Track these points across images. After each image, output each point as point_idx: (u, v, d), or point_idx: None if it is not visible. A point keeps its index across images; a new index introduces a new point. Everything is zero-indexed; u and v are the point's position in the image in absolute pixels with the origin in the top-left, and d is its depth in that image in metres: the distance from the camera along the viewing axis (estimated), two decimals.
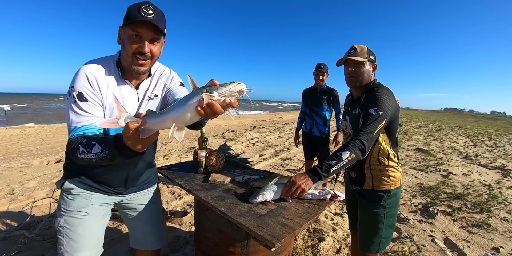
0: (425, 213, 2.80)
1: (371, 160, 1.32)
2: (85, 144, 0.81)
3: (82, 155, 0.82)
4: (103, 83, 0.95)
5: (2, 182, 3.35)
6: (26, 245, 1.93)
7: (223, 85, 0.62)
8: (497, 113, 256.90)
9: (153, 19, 0.86)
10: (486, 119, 43.53)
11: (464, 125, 19.74)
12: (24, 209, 2.53)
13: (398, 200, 1.36)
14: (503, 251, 2.15)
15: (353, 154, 1.12)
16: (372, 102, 1.20)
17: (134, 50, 0.90)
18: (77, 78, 0.91)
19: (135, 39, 0.89)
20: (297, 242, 2.12)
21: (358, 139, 1.14)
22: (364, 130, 1.15)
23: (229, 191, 1.24)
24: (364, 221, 1.36)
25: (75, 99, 0.89)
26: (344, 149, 1.13)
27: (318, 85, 3.03)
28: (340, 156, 1.11)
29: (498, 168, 5.09)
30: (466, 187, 3.72)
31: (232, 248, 1.17)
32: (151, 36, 0.90)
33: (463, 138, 10.33)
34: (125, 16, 0.90)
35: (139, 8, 0.86)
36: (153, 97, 1.11)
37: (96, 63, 0.96)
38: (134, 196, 1.18)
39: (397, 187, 1.33)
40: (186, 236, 2.13)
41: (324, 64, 2.96)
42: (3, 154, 5.03)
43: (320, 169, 1.12)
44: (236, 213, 0.99)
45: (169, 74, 1.16)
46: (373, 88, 1.28)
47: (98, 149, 0.79)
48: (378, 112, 1.16)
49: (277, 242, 0.81)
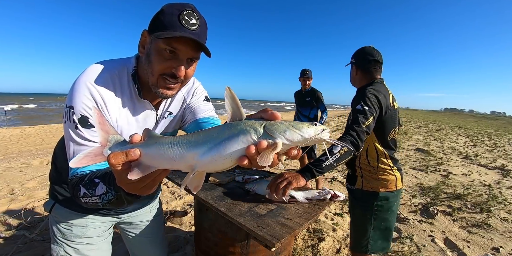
0: (425, 213, 2.80)
1: (361, 159, 1.35)
2: (88, 183, 0.60)
3: (86, 199, 0.61)
4: (112, 103, 0.72)
5: (2, 182, 3.36)
6: (26, 245, 1.93)
7: (295, 127, 0.38)
8: (497, 113, 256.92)
9: (196, 33, 0.65)
10: (486, 120, 43.53)
11: (464, 125, 19.73)
12: (24, 209, 2.53)
13: (393, 205, 1.31)
14: (503, 251, 2.15)
15: (344, 147, 1.11)
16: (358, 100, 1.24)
17: (164, 70, 0.68)
18: (77, 94, 0.67)
19: (168, 56, 0.67)
20: (297, 242, 2.12)
21: (348, 133, 1.15)
22: (353, 123, 1.17)
23: (229, 191, 1.24)
24: (353, 220, 1.39)
25: (77, 125, 0.66)
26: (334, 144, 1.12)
27: (304, 88, 3.38)
28: (331, 151, 1.11)
29: (498, 168, 5.09)
30: (466, 187, 3.72)
31: (232, 248, 1.17)
32: (190, 55, 0.68)
33: (463, 138, 10.33)
34: (157, 20, 0.66)
35: (179, 14, 0.63)
36: (166, 115, 0.88)
37: (103, 74, 0.71)
38: (135, 214, 1.06)
39: (388, 191, 1.30)
40: (186, 236, 2.13)
41: (309, 70, 3.31)
42: (3, 154, 5.03)
43: (312, 165, 1.11)
44: (236, 213, 0.99)
45: (191, 86, 0.93)
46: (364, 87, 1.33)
47: (102, 190, 0.58)
48: (365, 107, 1.19)
49: (277, 242, 0.81)
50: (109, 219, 0.99)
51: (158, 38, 0.64)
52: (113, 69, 0.73)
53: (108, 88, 0.71)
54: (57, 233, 0.90)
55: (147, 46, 0.69)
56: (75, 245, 0.90)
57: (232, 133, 0.38)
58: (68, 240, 0.90)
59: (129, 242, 1.14)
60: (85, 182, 0.61)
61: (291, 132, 0.37)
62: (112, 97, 0.72)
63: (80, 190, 0.61)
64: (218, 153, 0.37)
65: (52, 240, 0.92)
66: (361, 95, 1.25)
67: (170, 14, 0.64)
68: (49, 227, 0.94)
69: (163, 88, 0.71)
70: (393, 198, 1.31)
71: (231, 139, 0.37)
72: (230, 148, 0.37)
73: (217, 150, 0.37)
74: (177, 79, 0.70)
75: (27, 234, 2.04)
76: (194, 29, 0.64)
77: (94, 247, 0.93)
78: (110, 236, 1.02)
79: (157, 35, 0.63)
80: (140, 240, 1.11)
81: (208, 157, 0.37)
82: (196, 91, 0.93)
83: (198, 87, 0.95)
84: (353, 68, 1.43)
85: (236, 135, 0.37)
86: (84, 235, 0.91)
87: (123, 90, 0.74)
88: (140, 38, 0.71)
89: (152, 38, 0.67)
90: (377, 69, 1.38)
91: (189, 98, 0.92)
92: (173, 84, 0.71)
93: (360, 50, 1.41)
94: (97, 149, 0.43)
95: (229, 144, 0.37)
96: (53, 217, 0.92)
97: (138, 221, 1.08)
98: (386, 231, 1.32)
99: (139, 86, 0.75)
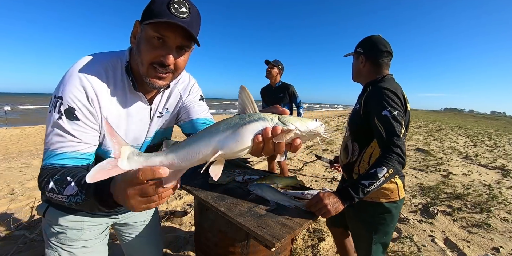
0: (425, 213, 2.80)
1: (361, 164, 1.20)
2: (58, 180, 0.58)
3: (51, 194, 0.59)
4: (104, 97, 0.70)
5: (2, 182, 3.36)
6: (26, 245, 1.93)
7: (303, 120, 0.48)
8: (497, 113, 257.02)
9: (186, 21, 0.64)
10: (486, 119, 43.51)
11: (464, 125, 19.73)
12: (24, 209, 2.53)
13: (395, 217, 1.16)
14: (503, 251, 2.15)
15: (391, 169, 0.95)
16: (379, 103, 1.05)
17: (153, 58, 0.67)
18: (68, 85, 0.65)
19: (156, 43, 0.65)
20: (297, 242, 2.12)
21: (391, 151, 0.97)
22: (392, 136, 0.98)
23: (229, 191, 1.24)
24: (352, 228, 1.28)
25: (62, 115, 0.64)
26: (379, 165, 0.95)
27: (274, 83, 3.05)
28: (375, 174, 0.94)
29: (498, 168, 5.09)
30: (466, 187, 3.72)
31: (232, 248, 1.17)
32: (179, 42, 0.67)
33: (463, 138, 10.33)
34: (147, 9, 0.66)
35: (169, 2, 0.63)
36: (164, 112, 0.88)
37: (96, 66, 0.70)
38: (132, 214, 1.05)
39: (391, 201, 1.14)
40: (186, 236, 2.13)
41: (275, 60, 2.96)
42: (3, 154, 5.03)
43: (353, 191, 0.95)
44: (236, 213, 0.99)
45: (187, 83, 0.92)
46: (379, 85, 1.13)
47: (72, 190, 0.56)
48: (394, 112, 1.02)
49: (277, 242, 0.80)
50: (106, 221, 0.97)
51: (146, 25, 0.64)
52: (106, 62, 0.72)
53: (101, 81, 0.69)
54: (51, 237, 0.87)
55: (138, 35, 0.69)
56: (70, 249, 0.87)
57: (252, 119, 0.46)
58: (62, 243, 0.87)
59: (124, 243, 1.11)
60: (56, 177, 0.59)
61: (301, 122, 0.47)
62: (104, 90, 0.70)
63: (49, 184, 0.58)
64: (240, 135, 0.44)
65: (46, 244, 0.89)
66: (381, 96, 1.06)
67: (160, 3, 0.64)
68: (43, 231, 0.90)
69: (153, 78, 0.69)
70: (396, 209, 1.15)
71: (251, 123, 0.45)
72: (251, 130, 0.45)
73: (239, 132, 0.45)
74: (167, 68, 0.69)
75: (27, 234, 2.04)
76: (183, 17, 0.64)
77: (90, 250, 0.91)
78: (106, 238, 1.00)
79: (145, 22, 0.64)
80: (135, 240, 1.09)
81: (231, 139, 0.44)
82: (193, 89, 0.93)
83: (194, 85, 0.94)
84: (360, 59, 1.23)
85: (255, 120, 0.46)
86: (80, 238, 0.88)
87: (116, 83, 0.73)
88: (133, 28, 0.71)
89: (142, 27, 0.67)
90: (388, 63, 1.21)
91: (185, 96, 0.91)
92: (164, 74, 0.70)
93: (368, 38, 1.23)
94: (112, 161, 0.43)
95: (250, 127, 0.45)
96: (47, 221, 0.88)
97: (135, 221, 1.07)
98: (386, 244, 1.20)
99: (133, 79, 0.74)
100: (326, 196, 0.95)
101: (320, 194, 0.97)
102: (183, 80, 0.91)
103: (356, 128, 1.20)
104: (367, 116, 1.12)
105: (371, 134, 1.11)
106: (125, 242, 1.11)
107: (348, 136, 1.28)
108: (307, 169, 4.37)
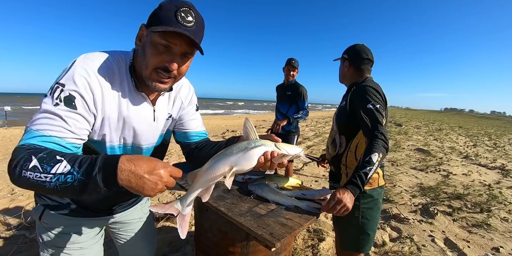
0: (425, 213, 2.80)
1: (348, 156, 1.32)
2: (45, 158, 0.52)
3: (30, 173, 0.50)
4: (109, 92, 0.71)
5: (2, 182, 3.35)
6: (26, 245, 1.93)
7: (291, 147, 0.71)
8: (497, 113, 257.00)
9: (192, 30, 0.66)
10: (486, 119, 43.51)
11: (464, 125, 19.73)
12: (24, 209, 2.53)
13: (378, 202, 1.31)
14: (503, 251, 2.15)
15: (381, 153, 1.09)
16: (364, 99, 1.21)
17: (158, 63, 0.69)
18: (73, 73, 0.64)
19: (162, 49, 0.68)
20: (297, 242, 2.12)
21: (376, 137, 1.12)
22: (376, 124, 1.15)
23: (229, 191, 1.24)
24: (338, 218, 1.35)
25: (60, 102, 0.62)
26: (370, 152, 1.09)
27: (287, 80, 2.93)
28: (370, 160, 1.08)
29: (498, 168, 5.09)
30: (466, 187, 3.72)
31: (232, 248, 1.17)
32: (184, 50, 0.69)
33: (463, 138, 10.33)
34: (154, 15, 0.68)
35: (176, 10, 0.65)
36: (168, 117, 0.91)
37: (105, 62, 0.70)
38: (128, 212, 1.05)
39: (373, 188, 1.29)
40: (186, 236, 2.13)
41: (295, 60, 2.85)
42: (3, 154, 5.03)
43: (357, 180, 1.07)
44: (236, 213, 0.99)
45: (187, 92, 0.95)
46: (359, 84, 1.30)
47: (63, 169, 0.50)
48: (376, 105, 1.18)
49: (277, 242, 0.81)
50: (103, 222, 0.97)
51: (153, 32, 0.65)
52: (114, 60, 0.73)
53: (107, 76, 0.70)
54: (46, 240, 0.85)
55: (144, 39, 0.70)
56: (67, 251, 0.86)
57: (257, 145, 0.66)
58: (59, 247, 0.86)
59: (119, 240, 1.11)
60: (41, 155, 0.52)
61: (290, 149, 0.70)
62: (109, 85, 0.71)
63: (30, 161, 0.51)
64: (249, 156, 0.64)
65: (41, 247, 0.87)
66: (365, 93, 1.23)
67: (167, 10, 0.65)
68: (38, 234, 0.88)
69: (156, 82, 0.72)
70: (378, 195, 1.31)
71: (257, 148, 0.65)
72: (256, 152, 0.65)
73: (249, 154, 0.64)
74: (170, 74, 0.71)
75: (27, 234, 2.04)
76: (190, 26, 0.66)
77: (87, 252, 0.91)
78: (102, 238, 1.00)
79: (152, 29, 0.65)
80: (130, 237, 1.10)
81: (243, 159, 0.63)
82: (192, 100, 0.97)
83: (193, 96, 0.98)
84: (345, 64, 1.42)
85: (259, 146, 0.66)
86: (76, 240, 0.88)
87: (122, 81, 0.74)
88: (138, 31, 0.72)
89: (148, 32, 0.68)
90: (369, 69, 1.39)
91: (186, 104, 0.95)
92: (166, 79, 0.72)
93: (353, 46, 1.41)
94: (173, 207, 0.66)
95: (256, 151, 0.65)
96: (43, 224, 0.86)
97: (130, 219, 1.07)
98: (372, 230, 1.30)
99: (135, 79, 0.75)
100: (342, 195, 1.02)
101: (336, 194, 1.03)
102: (183, 88, 0.93)
103: (344, 122, 1.35)
104: (353, 111, 1.27)
105: (357, 126, 1.26)
106: (119, 240, 1.11)
107: (335, 130, 1.41)
108: (307, 169, 4.38)
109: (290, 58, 2.86)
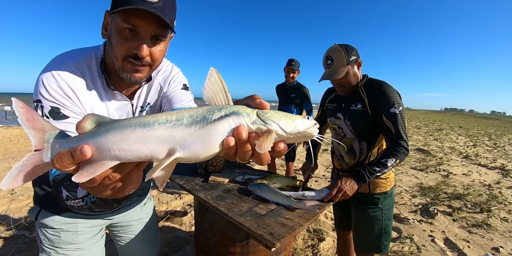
0: (425, 213, 2.80)
1: (371, 159, 1.29)
2: (69, 185, 0.53)
3: (70, 202, 0.53)
4: (83, 95, 0.66)
5: None
6: (26, 245, 1.93)
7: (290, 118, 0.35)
8: (497, 113, 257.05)
9: (158, 7, 0.56)
10: (486, 119, 43.51)
11: (464, 125, 19.73)
12: (24, 209, 2.53)
13: (394, 199, 1.37)
14: (503, 251, 2.15)
15: (398, 160, 1.14)
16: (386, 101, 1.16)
17: (126, 51, 0.61)
18: (43, 87, 0.60)
19: (127, 35, 0.59)
20: (297, 242, 2.12)
21: (399, 145, 1.14)
22: (402, 131, 1.15)
23: (229, 191, 1.24)
24: (362, 224, 1.33)
25: (47, 117, 0.59)
26: (389, 156, 1.14)
27: (288, 82, 2.93)
28: (386, 164, 1.13)
29: (498, 168, 5.09)
30: (466, 187, 3.72)
31: (232, 248, 1.17)
32: (153, 32, 0.60)
33: (463, 138, 10.33)
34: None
35: None
36: (145, 106, 0.83)
37: (68, 64, 0.64)
38: (127, 214, 1.03)
39: (392, 187, 1.33)
40: (186, 236, 2.13)
41: (295, 61, 2.85)
42: (3, 154, 5.03)
43: (365, 172, 1.14)
44: (236, 213, 0.99)
45: (168, 74, 0.85)
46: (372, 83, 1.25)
47: (83, 192, 0.51)
48: (400, 108, 1.15)
49: (277, 242, 0.81)
50: (101, 222, 0.95)
51: (114, 14, 0.58)
52: (80, 58, 0.67)
53: (76, 78, 0.64)
54: (44, 241, 0.84)
55: (109, 27, 0.63)
56: (64, 252, 0.85)
57: (224, 114, 0.33)
58: (56, 247, 0.84)
59: (120, 243, 1.09)
60: (66, 183, 0.53)
61: (287, 121, 0.34)
62: (81, 88, 0.65)
63: (62, 193, 0.53)
64: (206, 134, 0.32)
65: (40, 248, 0.86)
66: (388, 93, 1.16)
67: None
68: (36, 234, 0.88)
69: (129, 72, 0.64)
70: (392, 195, 1.35)
71: (222, 120, 0.33)
72: (221, 129, 0.32)
73: (206, 131, 0.32)
74: (142, 61, 0.63)
75: (27, 234, 2.04)
76: (155, 2, 0.56)
77: (86, 252, 0.89)
78: (103, 239, 0.98)
79: (112, 12, 0.58)
80: (131, 239, 1.07)
81: (196, 139, 0.32)
82: (174, 79, 0.85)
83: (177, 75, 0.86)
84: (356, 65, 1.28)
85: (227, 116, 0.33)
86: (74, 241, 0.86)
87: (94, 80, 0.68)
88: (103, 20, 0.65)
89: (112, 18, 0.60)
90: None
91: (165, 87, 0.83)
92: (140, 67, 0.64)
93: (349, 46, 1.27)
94: (34, 156, 0.32)
95: (221, 125, 0.32)
96: (39, 224, 0.85)
97: (131, 220, 1.05)
98: (390, 229, 1.34)
99: (106, 76, 0.69)
100: (344, 183, 1.13)
101: (338, 183, 1.13)
102: (164, 71, 0.84)
103: (363, 126, 1.26)
104: (375, 113, 1.20)
105: (378, 130, 1.24)
106: (120, 242, 1.09)
107: (352, 138, 1.31)
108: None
109: (290, 60, 2.85)
